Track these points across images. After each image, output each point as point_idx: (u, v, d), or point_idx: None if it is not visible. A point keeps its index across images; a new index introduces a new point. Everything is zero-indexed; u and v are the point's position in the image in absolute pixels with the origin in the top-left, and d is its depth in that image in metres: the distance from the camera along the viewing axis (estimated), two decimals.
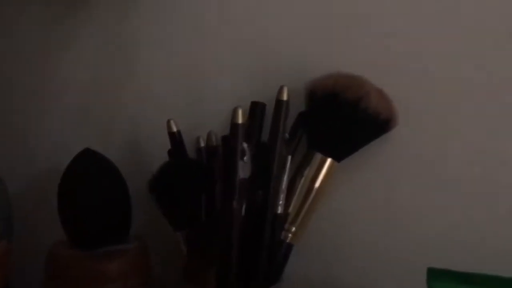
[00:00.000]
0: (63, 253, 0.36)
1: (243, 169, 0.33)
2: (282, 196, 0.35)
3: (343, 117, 0.35)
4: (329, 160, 0.36)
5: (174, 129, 0.38)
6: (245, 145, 0.33)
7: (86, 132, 0.42)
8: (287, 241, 0.36)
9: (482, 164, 0.36)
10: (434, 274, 0.30)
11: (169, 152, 0.38)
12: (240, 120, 0.33)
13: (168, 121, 0.38)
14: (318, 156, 0.36)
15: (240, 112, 0.33)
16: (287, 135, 0.36)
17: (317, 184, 0.36)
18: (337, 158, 0.36)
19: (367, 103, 0.34)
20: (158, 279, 0.38)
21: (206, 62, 0.40)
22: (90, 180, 0.37)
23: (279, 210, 0.35)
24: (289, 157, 0.35)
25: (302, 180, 0.36)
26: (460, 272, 0.30)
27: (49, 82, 0.43)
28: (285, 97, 0.35)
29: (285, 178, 0.35)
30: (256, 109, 0.38)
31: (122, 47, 0.41)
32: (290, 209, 0.36)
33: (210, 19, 0.40)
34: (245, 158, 0.33)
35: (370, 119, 0.34)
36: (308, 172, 0.36)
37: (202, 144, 0.39)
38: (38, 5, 0.42)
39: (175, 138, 0.38)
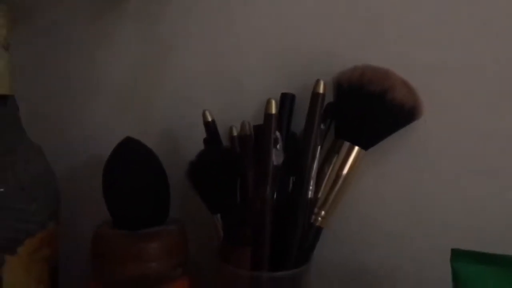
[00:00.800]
0: (109, 233, 0.38)
1: (276, 157, 0.35)
2: (312, 182, 0.37)
3: (369, 108, 0.36)
4: (356, 149, 0.38)
5: (209, 118, 0.40)
6: (278, 134, 0.35)
7: (126, 122, 0.45)
8: (317, 224, 0.38)
9: (505, 154, 0.38)
10: (458, 255, 0.31)
11: (205, 140, 0.41)
12: (273, 110, 0.35)
13: (204, 112, 0.40)
14: (346, 144, 0.38)
15: (273, 103, 0.35)
16: (322, 125, 0.38)
17: (345, 171, 0.38)
18: (364, 146, 0.38)
19: (393, 95, 0.36)
20: (194, 259, 0.41)
21: (238, 56, 0.42)
22: (132, 166, 0.39)
23: (309, 195, 0.37)
24: (319, 147, 0.37)
25: (331, 167, 0.38)
26: (484, 253, 0.31)
27: (90, 77, 0.46)
28: (321, 90, 0.37)
29: (315, 166, 0.37)
30: (286, 100, 0.40)
31: (158, 44, 0.44)
32: (320, 195, 0.38)
33: (242, 15, 0.42)
34: (278, 146, 0.35)
35: (396, 110, 0.36)
36: (336, 160, 0.38)
37: (235, 133, 0.41)
38: (78, 3, 0.45)
39: (210, 127, 0.40)
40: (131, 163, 0.39)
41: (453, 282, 0.31)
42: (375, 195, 0.40)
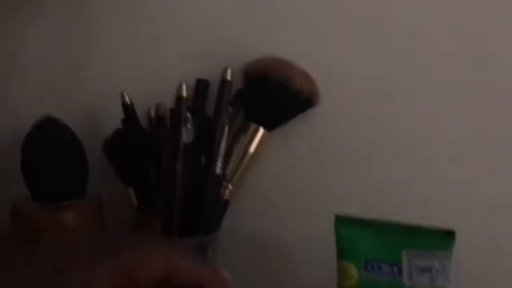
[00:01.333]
0: (27, 206, 0.40)
1: (187, 135, 0.39)
2: (220, 160, 0.41)
3: (272, 95, 0.41)
4: (261, 130, 0.42)
5: (127, 100, 0.43)
6: (188, 114, 0.39)
7: (48, 101, 0.46)
8: (225, 198, 0.42)
9: (387, 137, 0.43)
10: (340, 220, 0.36)
11: (123, 120, 0.43)
12: (184, 93, 0.39)
13: (122, 93, 0.43)
14: (253, 125, 0.42)
15: (184, 86, 0.39)
16: (231, 109, 0.42)
17: (251, 149, 0.42)
18: (269, 128, 0.43)
19: (293, 83, 0.40)
20: (110, 229, 0.43)
21: (159, 46, 0.45)
22: (49, 142, 0.41)
23: (218, 171, 0.41)
24: (227, 127, 0.41)
25: (238, 146, 0.42)
26: (362, 218, 0.36)
27: (14, 57, 0.47)
28: (228, 77, 0.41)
29: (223, 144, 0.41)
30: (200, 85, 0.43)
31: (83, 27, 0.46)
32: (227, 170, 0.42)
33: (163, 8, 0.44)
34: (188, 125, 0.39)
35: (296, 97, 0.41)
36: (243, 139, 0.42)
37: (153, 115, 0.44)
38: None
39: (128, 108, 0.43)
40: (49, 139, 0.41)
41: (337, 242, 0.36)
42: (278, 170, 0.45)
